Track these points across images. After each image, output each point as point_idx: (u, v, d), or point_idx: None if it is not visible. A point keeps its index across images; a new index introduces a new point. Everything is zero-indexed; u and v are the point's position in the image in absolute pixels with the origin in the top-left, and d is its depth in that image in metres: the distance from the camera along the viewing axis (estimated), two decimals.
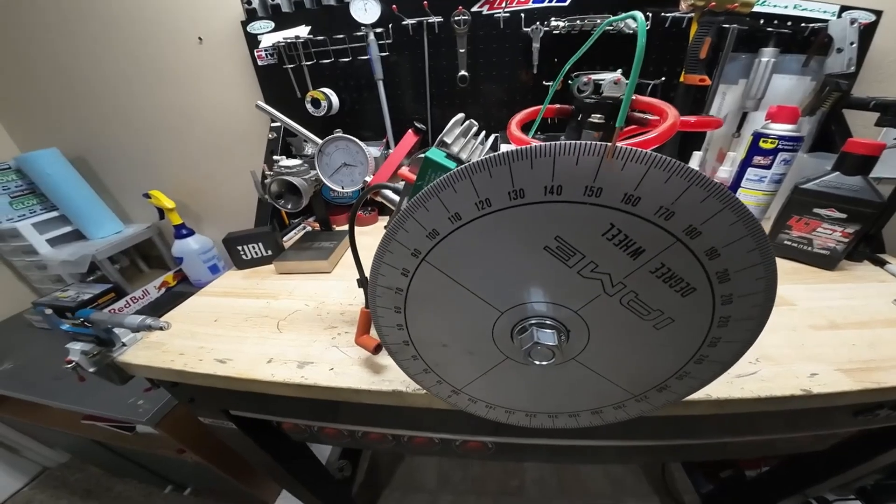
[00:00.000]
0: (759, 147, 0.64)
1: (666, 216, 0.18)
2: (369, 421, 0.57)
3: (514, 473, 1.24)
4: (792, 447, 0.58)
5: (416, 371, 0.32)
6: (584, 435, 0.52)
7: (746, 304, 0.21)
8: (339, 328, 0.51)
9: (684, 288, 0.20)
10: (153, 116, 1.00)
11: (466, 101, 0.83)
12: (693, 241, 0.18)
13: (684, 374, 0.26)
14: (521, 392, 0.31)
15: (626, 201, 0.18)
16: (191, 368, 0.46)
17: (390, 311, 0.28)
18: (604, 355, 0.26)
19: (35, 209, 1.06)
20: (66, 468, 1.38)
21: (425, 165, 0.28)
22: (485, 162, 0.19)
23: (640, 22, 0.15)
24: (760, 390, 0.38)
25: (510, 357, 0.28)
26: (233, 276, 0.69)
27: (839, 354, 0.42)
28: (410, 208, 0.22)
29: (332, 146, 0.42)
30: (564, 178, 0.18)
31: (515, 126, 0.35)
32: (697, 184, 0.17)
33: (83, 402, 0.78)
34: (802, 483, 0.71)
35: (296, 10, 0.79)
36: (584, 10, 0.71)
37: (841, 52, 0.66)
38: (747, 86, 0.70)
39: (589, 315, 0.23)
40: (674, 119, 0.26)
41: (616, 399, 0.29)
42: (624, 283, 0.21)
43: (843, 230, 0.57)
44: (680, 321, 0.22)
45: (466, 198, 0.21)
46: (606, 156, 0.17)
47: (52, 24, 0.91)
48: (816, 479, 0.68)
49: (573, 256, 0.21)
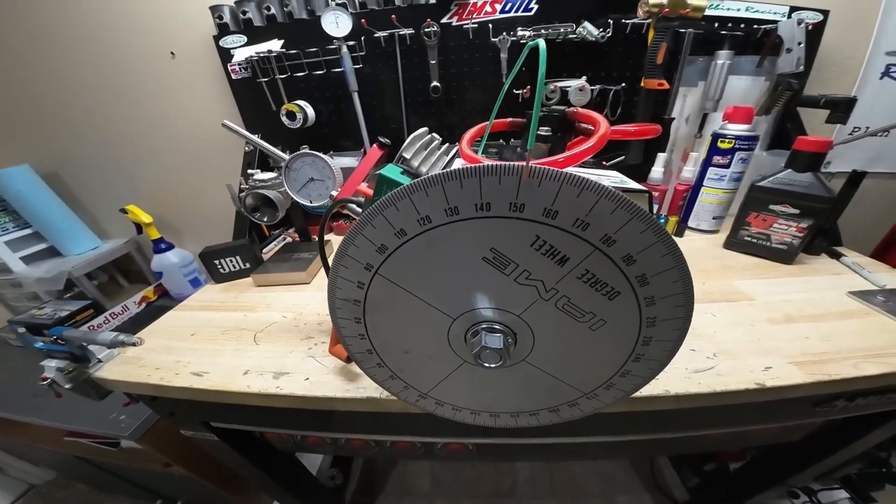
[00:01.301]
0: (717, 147, 0.67)
1: (582, 227, 0.20)
2: (352, 428, 0.57)
3: (506, 474, 1.25)
4: (765, 438, 0.60)
5: (382, 378, 0.33)
6: (567, 432, 0.53)
7: (669, 305, 0.23)
8: (315, 338, 0.52)
9: (610, 292, 0.22)
10: (127, 131, 1.00)
11: (441, 110, 0.85)
12: (610, 249, 0.20)
13: (626, 373, 0.27)
14: (482, 394, 0.33)
15: (546, 215, 0.20)
16: (167, 382, 0.46)
17: (351, 321, 0.29)
18: (550, 356, 0.27)
19: (7, 227, 1.04)
20: (53, 486, 1.35)
21: (380, 182, 0.30)
22: (420, 183, 0.21)
23: (542, 51, 0.17)
24: (716, 385, 0.40)
25: (467, 361, 0.29)
26: (211, 289, 0.69)
27: (793, 347, 0.44)
28: (359, 225, 0.24)
29: (298, 161, 0.43)
30: (491, 196, 0.20)
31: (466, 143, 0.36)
32: (605, 197, 0.19)
33: (65, 418, 0.77)
34: (781, 473, 0.73)
35: (268, 25, 0.80)
36: (549, 19, 0.73)
37: (790, 52, 0.69)
38: (705, 87, 0.74)
39: (531, 318, 0.25)
40: (604, 130, 0.28)
41: (569, 397, 0.30)
42: (556, 289, 0.23)
43: (798, 225, 0.60)
44: (612, 322, 0.24)
45: (409, 215, 0.22)
46: (523, 175, 0.18)
47: (21, 39, 0.91)
48: (794, 469, 0.70)
49: (508, 266, 0.22)
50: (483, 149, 0.39)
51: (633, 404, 0.40)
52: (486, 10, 0.74)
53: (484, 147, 0.40)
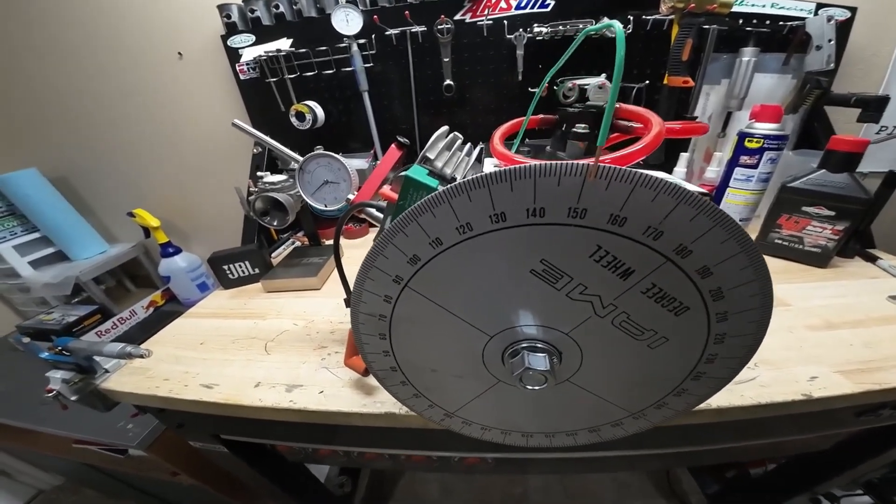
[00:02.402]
0: (744, 146, 0.64)
1: (654, 236, 0.17)
2: (366, 441, 0.55)
3: (517, 482, 1.22)
4: (797, 447, 0.58)
5: (405, 396, 0.31)
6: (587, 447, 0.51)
7: (743, 321, 0.20)
8: (328, 348, 0.50)
9: (678, 307, 0.20)
10: (134, 133, 0.98)
11: (453, 109, 0.83)
12: (684, 261, 0.18)
13: (682, 391, 0.25)
14: (515, 413, 0.30)
15: (612, 222, 0.17)
16: (176, 395, 0.44)
17: (375, 337, 0.27)
18: (599, 375, 0.25)
19: (16, 231, 1.03)
20: (62, 491, 1.35)
21: (406, 185, 0.27)
22: (463, 185, 0.18)
23: (618, 32, 0.14)
24: (760, 397, 0.37)
25: (502, 380, 0.27)
26: (219, 296, 0.67)
27: (837, 355, 0.41)
28: (389, 234, 0.21)
29: (313, 163, 0.41)
30: (547, 200, 0.17)
31: (498, 140, 0.34)
32: (686, 202, 0.16)
33: (73, 426, 0.76)
34: (810, 481, 0.70)
35: (277, 23, 0.78)
36: (566, 15, 0.71)
37: (820, 50, 0.67)
38: (730, 85, 0.71)
39: (580, 337, 0.22)
40: (659, 128, 0.26)
41: (613, 417, 0.28)
42: (615, 305, 0.20)
43: (833, 227, 0.57)
44: (674, 340, 0.21)
45: (447, 222, 0.20)
46: (588, 176, 0.16)
47: (27, 43, 0.90)
48: (823, 477, 0.67)
49: (560, 279, 0.20)
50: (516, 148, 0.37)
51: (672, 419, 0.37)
52: (500, 6, 0.71)
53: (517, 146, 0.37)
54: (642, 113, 0.29)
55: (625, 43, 0.14)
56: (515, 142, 0.37)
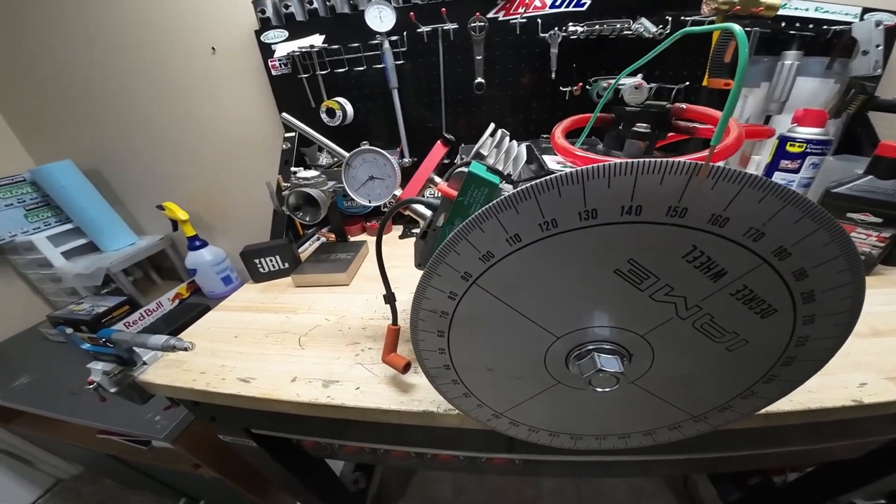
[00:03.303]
0: (786, 151, 0.62)
1: (755, 237, 0.17)
2: (393, 439, 0.55)
3: (531, 483, 1.21)
4: (825, 456, 0.57)
5: (454, 395, 0.31)
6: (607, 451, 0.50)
7: (829, 324, 0.20)
8: (361, 344, 0.50)
9: (765, 310, 0.19)
10: (166, 127, 1.00)
11: (480, 107, 0.82)
12: (781, 263, 0.17)
13: (750, 394, 0.24)
14: (568, 415, 0.30)
15: (712, 222, 0.17)
16: (213, 388, 0.45)
17: (433, 334, 0.26)
18: (666, 378, 0.24)
19: (50, 222, 1.06)
20: (80, 480, 1.38)
21: (468, 180, 0.27)
22: (554, 181, 0.18)
23: (739, 35, 0.14)
24: (810, 402, 0.36)
25: (562, 382, 0.26)
26: (250, 289, 0.68)
27: (886, 362, 0.40)
28: (464, 230, 0.21)
29: (358, 159, 0.41)
30: (645, 198, 0.17)
31: (560, 134, 0.33)
32: (793, 203, 0.16)
33: (99, 417, 0.77)
34: (835, 490, 0.68)
35: (310, 19, 0.79)
36: (601, 14, 0.70)
37: (867, 55, 0.65)
38: (770, 89, 0.69)
39: (656, 339, 0.22)
40: (740, 130, 0.25)
41: (673, 420, 0.27)
42: (700, 307, 0.20)
43: (879, 234, 0.56)
44: (755, 342, 0.21)
45: (530, 218, 0.19)
46: (700, 175, 0.15)
47: (63, 38, 0.92)
48: (850, 486, 0.66)
49: (646, 279, 0.19)
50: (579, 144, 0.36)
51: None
52: (535, 4, 0.71)
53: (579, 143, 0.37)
54: (712, 114, 0.29)
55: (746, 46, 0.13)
56: (580, 138, 0.37)
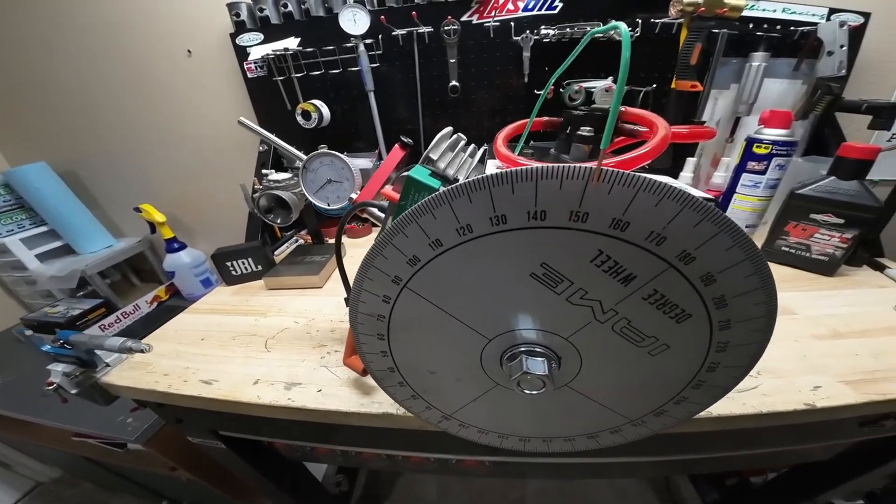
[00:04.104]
0: (752, 152, 0.63)
1: (657, 241, 0.17)
2: (363, 441, 0.55)
3: (515, 486, 1.22)
4: (797, 457, 0.57)
5: (403, 397, 0.31)
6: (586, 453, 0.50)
7: (746, 329, 0.20)
8: (328, 346, 0.50)
9: (679, 314, 0.19)
10: (143, 129, 0.99)
11: (458, 110, 0.83)
12: (687, 267, 0.17)
13: (682, 399, 0.24)
14: (513, 417, 0.30)
15: (614, 226, 0.17)
16: (175, 390, 0.44)
17: (373, 337, 0.26)
18: (598, 381, 0.25)
19: (24, 224, 1.04)
20: (60, 483, 1.35)
21: (408, 185, 0.27)
22: (464, 187, 0.18)
23: (624, 34, 0.14)
24: (762, 406, 0.37)
25: (500, 384, 0.26)
26: (222, 292, 0.68)
27: (843, 365, 0.41)
28: (389, 234, 0.21)
29: (316, 162, 0.41)
30: (548, 203, 0.17)
31: (502, 142, 0.34)
32: (690, 207, 0.16)
33: (73, 419, 0.76)
34: (810, 491, 0.69)
35: (285, 22, 0.78)
36: (573, 17, 0.70)
37: (831, 55, 0.66)
38: (739, 90, 0.70)
39: (580, 342, 0.22)
40: (665, 132, 0.25)
41: (612, 424, 0.28)
42: (615, 310, 0.20)
43: (842, 235, 0.56)
44: (676, 347, 0.21)
45: (447, 224, 0.19)
46: (592, 180, 0.16)
47: (39, 37, 0.91)
48: (824, 487, 0.67)
49: (561, 283, 0.20)
50: (519, 150, 0.37)
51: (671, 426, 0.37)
52: (507, 7, 0.71)
53: (520, 149, 0.37)
54: (648, 116, 0.29)
55: (630, 45, 0.14)
56: (519, 144, 0.37)
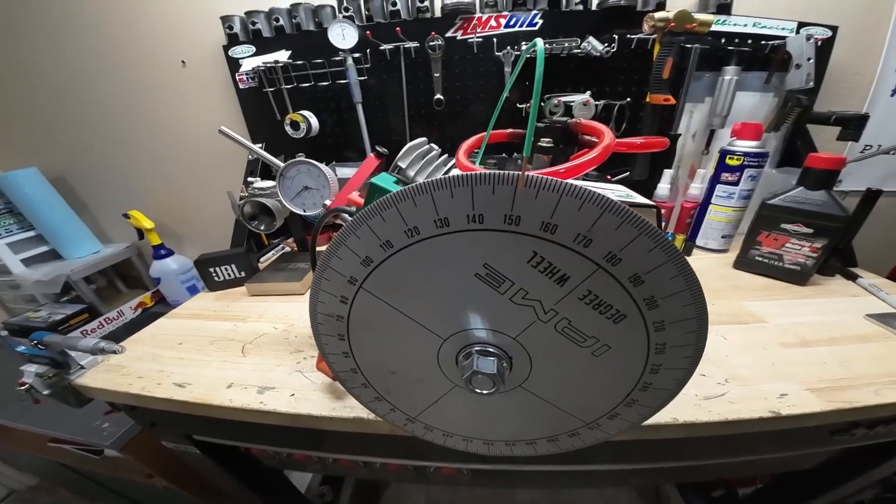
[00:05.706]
0: (725, 164, 0.65)
1: (585, 243, 0.18)
2: (340, 447, 0.55)
3: (504, 497, 1.20)
4: (777, 466, 0.57)
5: (368, 399, 0.31)
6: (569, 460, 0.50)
7: (681, 331, 0.20)
8: (305, 352, 0.50)
9: (615, 315, 0.20)
10: (135, 137, 1.01)
11: (444, 122, 0.85)
12: (615, 268, 0.18)
13: (632, 402, 0.25)
14: (475, 420, 0.30)
15: (544, 229, 0.18)
16: (148, 392, 0.44)
17: (334, 338, 0.27)
18: (550, 383, 0.25)
19: (11, 228, 1.04)
20: (35, 490, 1.31)
21: (371, 190, 0.28)
22: (408, 191, 0.19)
23: (539, 50, 0.15)
24: (728, 413, 0.37)
25: (457, 384, 0.27)
26: (204, 297, 0.68)
27: (810, 373, 0.41)
28: (342, 235, 0.22)
29: (293, 169, 0.42)
30: (484, 207, 0.18)
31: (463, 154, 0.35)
32: (610, 210, 0.17)
33: (48, 424, 0.75)
34: (795, 501, 0.69)
35: (276, 36, 0.81)
36: (553, 34, 0.73)
37: (799, 68, 0.68)
38: (712, 103, 0.72)
39: (528, 342, 0.23)
40: (608, 141, 0.27)
41: (570, 427, 0.28)
42: (555, 310, 0.21)
43: (812, 245, 0.58)
44: (617, 348, 0.22)
45: (396, 226, 0.20)
46: (518, 185, 0.17)
47: (31, 46, 0.93)
48: (808, 497, 0.66)
49: (503, 283, 0.20)
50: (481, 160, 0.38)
51: (640, 433, 0.37)
52: (490, 24, 0.74)
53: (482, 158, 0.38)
54: (597, 127, 0.31)
55: (544, 61, 0.15)
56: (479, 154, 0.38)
